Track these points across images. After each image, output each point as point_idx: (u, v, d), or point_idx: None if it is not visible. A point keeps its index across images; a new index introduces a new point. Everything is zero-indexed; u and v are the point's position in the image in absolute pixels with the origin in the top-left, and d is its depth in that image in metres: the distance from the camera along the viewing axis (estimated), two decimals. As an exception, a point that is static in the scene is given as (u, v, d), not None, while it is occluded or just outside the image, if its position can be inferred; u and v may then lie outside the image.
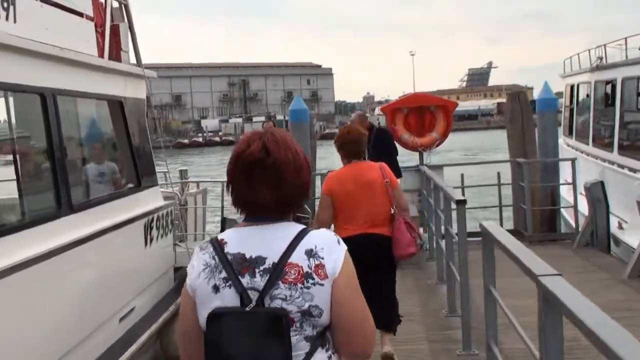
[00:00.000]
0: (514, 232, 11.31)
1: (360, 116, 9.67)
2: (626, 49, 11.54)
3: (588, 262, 9.22)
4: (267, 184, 2.04)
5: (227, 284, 2.01)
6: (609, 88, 11.91)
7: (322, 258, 2.02)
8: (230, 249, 2.05)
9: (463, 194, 9.25)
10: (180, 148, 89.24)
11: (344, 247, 2.08)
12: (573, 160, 10.85)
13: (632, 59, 11.08)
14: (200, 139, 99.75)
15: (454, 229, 6.44)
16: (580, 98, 14.19)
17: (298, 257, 2.01)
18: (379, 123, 10.44)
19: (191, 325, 2.10)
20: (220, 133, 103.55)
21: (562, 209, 11.64)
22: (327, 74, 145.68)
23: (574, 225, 11.07)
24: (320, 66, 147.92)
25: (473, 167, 14.12)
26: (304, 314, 1.98)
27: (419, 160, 11.54)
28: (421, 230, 10.66)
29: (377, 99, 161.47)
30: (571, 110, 14.60)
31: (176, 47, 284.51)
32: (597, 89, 12.54)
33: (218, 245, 2.07)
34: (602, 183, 10.03)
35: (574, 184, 10.78)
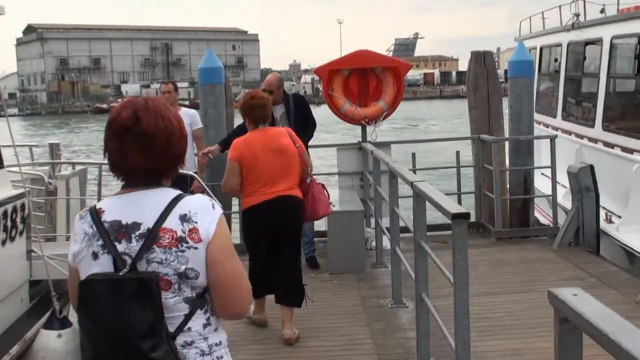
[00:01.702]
0: (477, 225, 9.17)
1: (280, 79, 7.41)
2: (618, 3, 9.45)
3: (582, 270, 7.14)
4: (137, 151, 2.09)
5: (105, 251, 2.09)
6: (590, 50, 9.83)
7: (196, 222, 2.10)
8: (107, 217, 2.12)
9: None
10: (98, 113, 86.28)
11: (218, 211, 2.17)
12: (553, 139, 8.74)
13: (627, 13, 8.99)
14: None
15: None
16: (545, 64, 12.12)
17: (172, 222, 2.09)
18: (305, 92, 8.10)
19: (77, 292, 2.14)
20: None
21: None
22: (253, 40, 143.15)
23: (549, 218, 9.02)
24: (246, 32, 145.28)
25: (426, 146, 11.88)
26: (181, 276, 2.08)
27: (362, 135, 9.24)
28: (368, 230, 8.46)
29: (303, 67, 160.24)
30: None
31: (95, 7, 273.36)
32: (572, 52, 10.47)
33: (95, 214, 2.14)
34: (591, 167, 7.94)
35: (552, 167, 8.68)
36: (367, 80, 9.11)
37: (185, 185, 7.00)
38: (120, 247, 2.09)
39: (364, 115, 8.99)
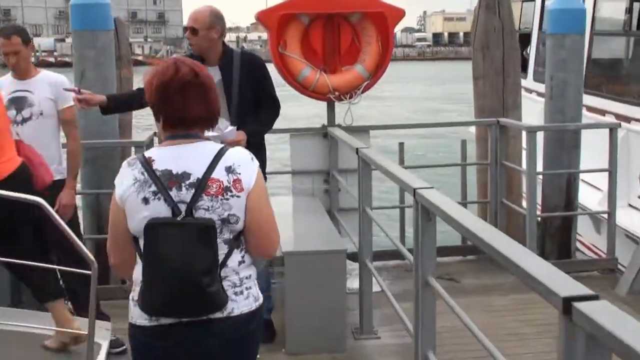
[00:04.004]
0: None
1: (215, 15, 4.28)
2: None
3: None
4: (199, 100, 2.36)
5: (157, 197, 2.30)
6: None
7: (240, 174, 2.35)
8: (158, 165, 2.33)
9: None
10: (5, 68, 79.96)
11: (256, 163, 2.43)
12: (614, 128, 5.87)
13: None
14: (32, 59, 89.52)
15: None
16: (604, 16, 9.12)
17: (219, 173, 2.33)
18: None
19: (122, 231, 2.37)
20: (55, 53, 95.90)
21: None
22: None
23: (593, 247, 6.22)
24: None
25: (417, 133, 8.72)
26: (224, 221, 2.33)
27: (328, 115, 6.16)
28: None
29: (228, 25, 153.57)
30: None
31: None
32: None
33: (146, 163, 2.33)
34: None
35: (612, 170, 5.83)
36: (338, 34, 6.00)
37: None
38: (172, 194, 2.29)
39: (332, 86, 5.90)
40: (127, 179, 2.34)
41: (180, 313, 2.31)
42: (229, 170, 2.33)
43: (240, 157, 2.39)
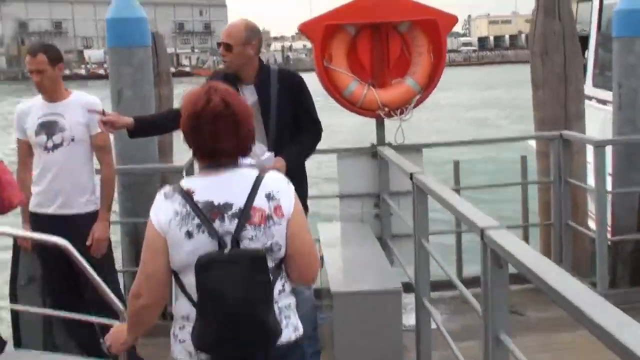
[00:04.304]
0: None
1: (251, 29, 3.92)
2: None
3: None
4: (230, 133, 2.28)
5: (201, 230, 2.24)
6: None
7: (279, 200, 2.31)
8: (198, 197, 2.27)
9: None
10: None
11: (292, 187, 2.39)
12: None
13: None
14: (83, 71, 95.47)
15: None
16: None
17: (260, 201, 2.29)
18: (275, 60, 4.27)
19: (161, 267, 2.29)
20: (105, 65, 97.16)
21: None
22: (221, 5, 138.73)
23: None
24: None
25: (472, 149, 8.19)
26: (267, 250, 2.27)
27: (377, 134, 5.75)
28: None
29: (272, 34, 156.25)
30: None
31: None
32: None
33: (187, 195, 2.27)
34: None
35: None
36: (386, 44, 5.58)
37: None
38: (216, 225, 2.24)
39: (381, 101, 5.49)
40: (166, 212, 2.27)
41: (237, 347, 2.24)
42: (269, 197, 2.30)
43: (278, 183, 2.36)
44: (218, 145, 2.29)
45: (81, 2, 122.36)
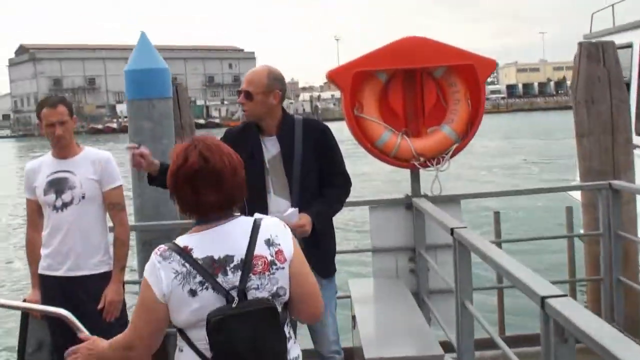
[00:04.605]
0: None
1: (274, 77, 3.64)
2: None
3: None
4: (210, 188, 2.23)
5: (204, 287, 2.17)
6: None
7: (279, 244, 2.28)
8: (197, 254, 2.21)
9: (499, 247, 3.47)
10: (93, 134, 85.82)
11: (288, 229, 2.38)
12: None
13: None
14: (115, 125, 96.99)
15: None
16: None
17: (260, 248, 2.24)
18: (303, 110, 3.98)
19: (158, 330, 2.26)
20: None
21: None
22: (250, 58, 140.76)
23: None
24: (242, 50, 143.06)
25: (512, 200, 7.75)
26: (274, 296, 2.22)
27: (412, 185, 5.41)
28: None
29: (301, 84, 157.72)
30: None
31: (89, 27, 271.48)
32: None
33: (185, 253, 2.21)
34: None
35: None
36: (420, 91, 5.29)
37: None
38: (219, 281, 2.18)
39: (416, 151, 5.16)
40: (165, 274, 2.20)
41: None
42: (269, 243, 2.26)
43: (276, 227, 2.32)
44: (200, 201, 2.24)
45: (113, 58, 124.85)
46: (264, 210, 3.51)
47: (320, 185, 3.65)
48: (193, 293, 2.17)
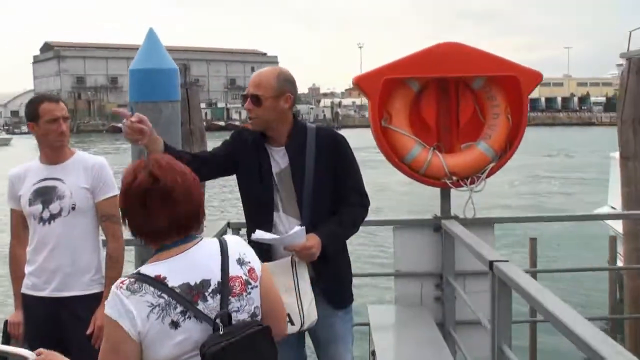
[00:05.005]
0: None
1: (284, 78, 3.13)
2: None
3: None
4: (163, 209, 2.06)
5: (187, 317, 2.01)
6: None
7: (249, 262, 2.16)
8: (172, 282, 2.02)
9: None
10: (114, 132, 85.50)
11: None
12: None
13: None
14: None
15: None
16: None
17: (234, 269, 2.10)
18: (324, 116, 3.50)
19: None
20: None
21: None
22: (273, 62, 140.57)
23: None
24: (265, 54, 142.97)
25: (550, 226, 7.15)
26: (252, 316, 2.12)
27: (442, 205, 4.92)
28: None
29: (322, 90, 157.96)
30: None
31: (112, 28, 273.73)
32: None
33: (159, 283, 2.01)
34: None
35: None
36: (456, 103, 4.81)
37: None
38: (200, 308, 2.02)
39: (449, 169, 4.67)
40: (138, 310, 1.98)
41: None
42: (241, 262, 2.15)
43: (242, 245, 2.22)
44: (153, 223, 2.06)
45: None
46: (270, 229, 3.09)
47: (334, 203, 3.17)
48: (175, 325, 1.99)
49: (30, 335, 3.52)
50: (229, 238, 2.21)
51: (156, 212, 2.06)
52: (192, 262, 2.07)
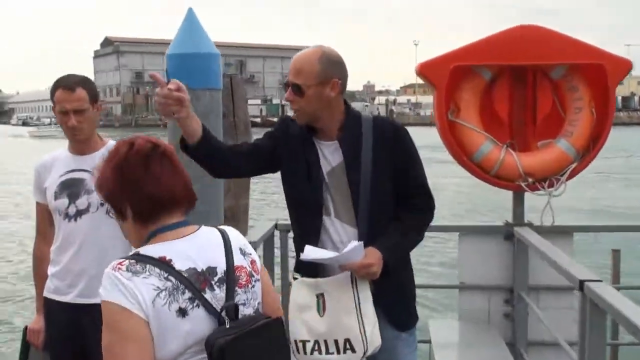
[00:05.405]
0: None
1: (327, 59, 2.59)
2: None
3: None
4: (170, 174, 1.86)
5: (195, 304, 1.77)
6: None
7: (251, 254, 1.98)
8: (179, 265, 1.79)
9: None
10: (165, 127, 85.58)
11: None
12: None
13: None
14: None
15: None
16: None
17: (238, 258, 1.92)
18: (378, 113, 3.08)
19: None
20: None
21: None
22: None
23: None
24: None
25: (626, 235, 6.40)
26: (256, 312, 1.93)
27: (514, 210, 4.38)
28: None
29: (377, 88, 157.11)
30: None
31: (169, 23, 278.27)
32: None
33: (166, 265, 1.78)
34: None
35: None
36: (533, 95, 4.27)
37: None
38: (207, 297, 1.79)
39: (524, 169, 4.13)
40: (145, 291, 1.72)
41: None
42: (243, 252, 1.93)
43: (240, 235, 1.99)
44: (163, 193, 1.84)
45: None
46: (317, 238, 2.65)
47: (395, 205, 2.68)
48: (183, 313, 1.75)
49: (52, 341, 3.21)
50: (226, 228, 2.01)
51: (165, 177, 1.85)
52: (196, 247, 1.85)
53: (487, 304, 4.44)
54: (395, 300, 2.72)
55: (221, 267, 1.86)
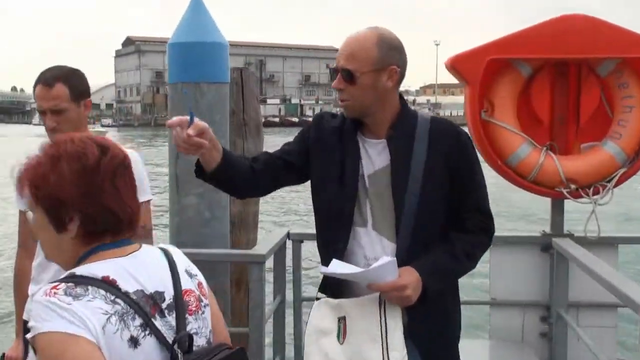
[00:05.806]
0: None
1: (392, 44, 2.20)
2: None
3: None
4: (131, 189, 1.66)
5: (147, 333, 1.52)
6: None
7: (196, 275, 1.74)
8: (125, 286, 1.54)
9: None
10: None
11: None
12: None
13: None
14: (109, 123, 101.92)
15: None
16: None
17: (186, 281, 1.67)
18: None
19: None
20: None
21: None
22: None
23: None
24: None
25: None
26: (208, 342, 1.69)
27: (553, 219, 3.97)
28: None
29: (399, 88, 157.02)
30: None
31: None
32: None
33: (111, 286, 1.52)
34: None
35: None
36: (576, 92, 3.85)
37: None
38: (157, 325, 1.55)
39: (565, 174, 3.71)
40: (90, 318, 1.43)
41: None
42: (189, 274, 1.70)
43: (182, 254, 1.75)
44: (126, 211, 1.62)
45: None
46: (344, 249, 2.24)
47: (446, 223, 2.26)
48: (135, 342, 1.50)
49: None
50: (169, 246, 1.78)
51: (125, 193, 1.63)
52: (142, 267, 1.60)
53: (522, 322, 4.08)
54: (433, 336, 2.28)
55: (169, 291, 1.62)
